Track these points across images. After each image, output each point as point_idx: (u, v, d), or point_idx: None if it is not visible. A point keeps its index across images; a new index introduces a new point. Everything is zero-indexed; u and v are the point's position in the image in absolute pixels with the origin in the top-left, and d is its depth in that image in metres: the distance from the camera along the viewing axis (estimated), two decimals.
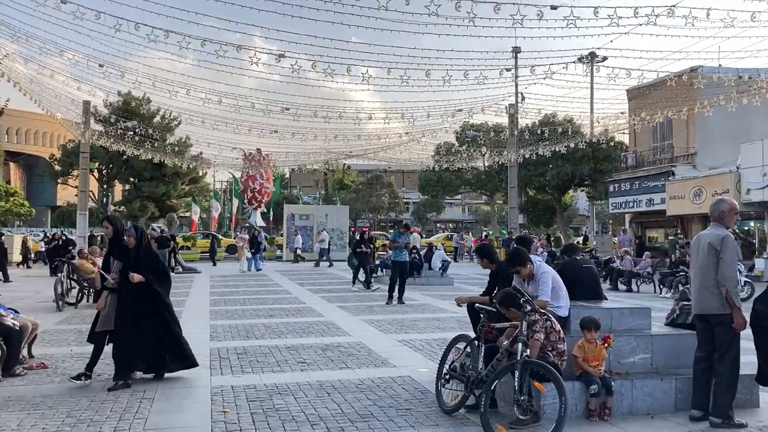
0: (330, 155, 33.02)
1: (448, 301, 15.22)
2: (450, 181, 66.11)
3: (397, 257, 14.90)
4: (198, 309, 13.78)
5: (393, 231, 16.60)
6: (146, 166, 50.63)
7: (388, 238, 16.10)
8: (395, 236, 15.15)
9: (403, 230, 15.24)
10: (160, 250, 24.05)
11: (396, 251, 14.98)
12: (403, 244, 14.96)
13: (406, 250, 15.14)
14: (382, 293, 17.00)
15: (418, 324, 11.47)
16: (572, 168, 36.10)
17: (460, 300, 7.29)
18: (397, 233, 15.26)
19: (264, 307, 13.97)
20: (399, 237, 15.02)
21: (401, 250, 14.93)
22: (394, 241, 15.02)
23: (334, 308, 13.95)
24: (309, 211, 39.72)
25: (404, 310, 13.72)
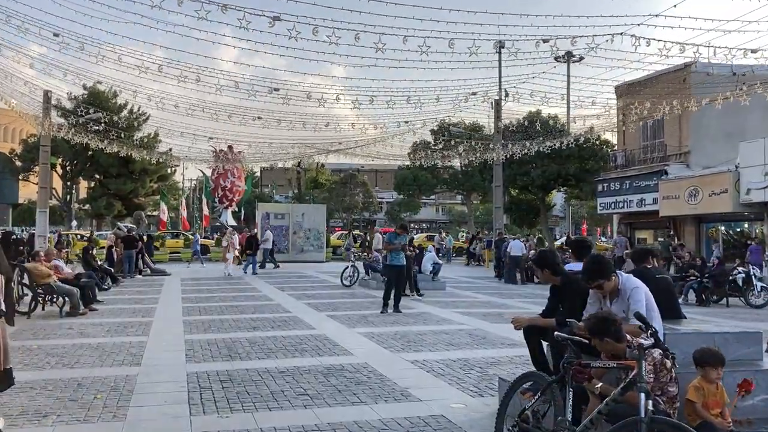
0: (307, 149, 31.35)
1: (449, 310, 13.85)
2: (426, 180, 64.92)
3: (394, 260, 13.45)
4: (169, 320, 12.15)
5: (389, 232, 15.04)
6: (113, 162, 48.44)
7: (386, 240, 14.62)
8: (391, 237, 13.69)
9: (400, 231, 13.76)
10: (127, 251, 22.29)
11: (392, 254, 13.52)
12: (400, 246, 13.51)
13: (403, 252, 13.69)
14: (374, 300, 15.55)
15: (426, 339, 10.02)
16: (558, 167, 35.00)
17: (519, 322, 5.83)
18: (393, 234, 13.79)
19: (245, 318, 12.40)
20: (396, 238, 13.56)
21: (398, 253, 13.48)
22: (391, 243, 13.54)
23: (324, 318, 12.44)
24: (284, 210, 38.03)
25: (403, 320, 12.26)
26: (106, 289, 16.57)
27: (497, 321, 12.25)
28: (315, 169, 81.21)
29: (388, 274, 13.51)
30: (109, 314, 12.97)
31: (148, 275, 23.81)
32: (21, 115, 29.29)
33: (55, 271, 13.36)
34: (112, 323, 11.63)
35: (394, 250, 13.45)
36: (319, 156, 28.44)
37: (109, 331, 10.70)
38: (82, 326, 11.28)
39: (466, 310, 13.94)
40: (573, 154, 35.29)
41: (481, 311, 13.88)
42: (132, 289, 18.43)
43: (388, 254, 13.67)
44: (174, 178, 74.79)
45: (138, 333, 10.57)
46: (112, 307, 14.04)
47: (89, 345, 9.37)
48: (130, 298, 16.17)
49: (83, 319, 12.23)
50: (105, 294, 16.45)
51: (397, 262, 13.43)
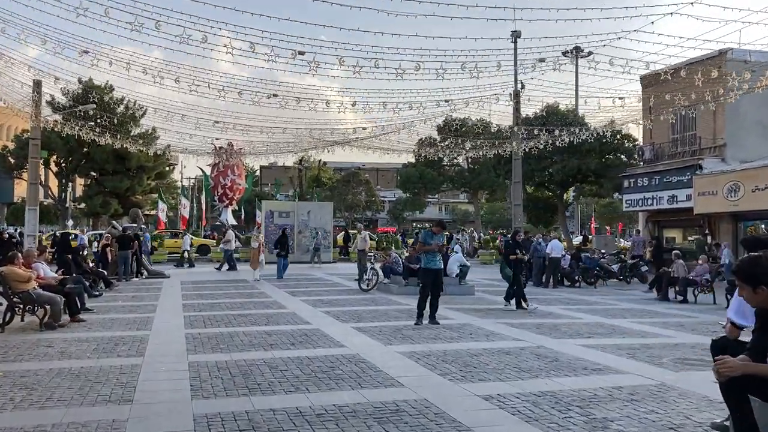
0: (311, 143, 29.37)
1: (491, 320, 11.99)
2: (432, 178, 63.15)
3: (430, 264, 11.55)
4: (170, 334, 10.28)
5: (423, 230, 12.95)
6: (109, 159, 46.64)
7: (418, 240, 12.73)
8: (426, 236, 11.75)
9: (437, 229, 11.83)
10: (121, 252, 20.43)
11: (427, 256, 11.61)
12: (436, 246, 11.62)
13: (440, 254, 11.80)
14: (399, 308, 13.70)
15: (485, 361, 8.16)
16: (578, 162, 33.12)
17: (731, 368, 3.84)
18: (428, 233, 11.86)
19: (259, 331, 10.52)
20: (431, 238, 11.64)
21: (434, 255, 11.58)
22: (426, 244, 11.64)
23: (350, 331, 10.57)
24: (289, 207, 36.14)
25: (445, 334, 10.39)
26: (97, 295, 14.68)
27: (557, 334, 10.40)
28: (317, 167, 79.36)
29: (424, 280, 11.61)
30: (99, 326, 11.10)
31: (145, 278, 21.96)
32: (13, 109, 27.43)
33: (36, 276, 11.49)
34: (100, 339, 9.76)
35: (430, 252, 11.56)
36: (330, 148, 26.31)
37: (96, 350, 8.82)
38: (64, 343, 9.41)
39: (512, 321, 12.08)
40: (594, 149, 33.45)
41: (530, 322, 12.02)
42: (127, 295, 16.56)
43: (423, 257, 11.76)
44: (172, 176, 73.08)
45: (131, 352, 8.70)
46: (102, 318, 12.17)
47: (69, 371, 7.49)
48: (124, 305, 14.29)
49: (67, 332, 10.36)
50: (96, 301, 14.58)
51: (433, 266, 11.54)
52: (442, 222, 12.06)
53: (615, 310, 14.60)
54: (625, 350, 9.06)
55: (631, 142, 34.66)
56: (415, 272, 17.12)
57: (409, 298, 15.68)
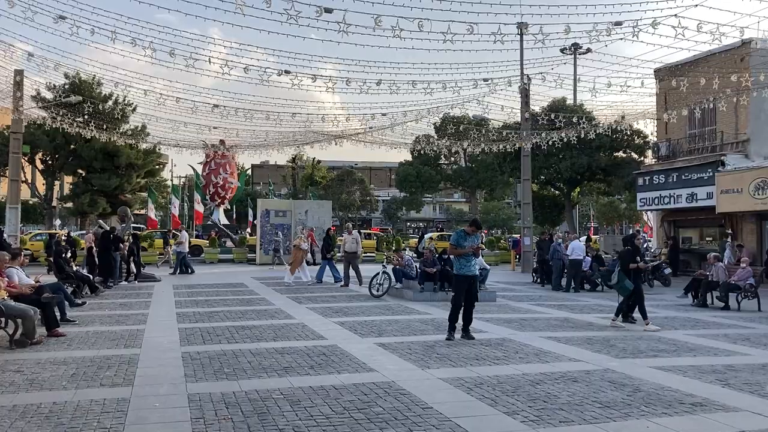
0: (308, 136, 27.76)
1: (529, 333, 10.54)
2: (429, 176, 61.82)
3: (463, 269, 10.03)
4: (163, 353, 8.73)
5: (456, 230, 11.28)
6: (97, 156, 44.89)
7: (450, 242, 11.22)
8: (459, 238, 10.20)
9: (471, 229, 10.29)
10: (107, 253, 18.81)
11: (459, 261, 10.11)
12: (471, 249, 10.12)
13: (475, 258, 10.30)
14: (420, 317, 12.21)
15: (554, 392, 6.67)
16: (588, 159, 31.76)
17: None
18: (461, 233, 10.33)
19: (267, 349, 9.00)
20: (465, 239, 10.14)
21: (468, 259, 10.08)
22: (458, 246, 10.12)
23: (375, 349, 9.06)
24: (286, 206, 34.56)
25: (487, 352, 8.91)
26: (80, 304, 13.08)
27: (616, 352, 8.93)
28: (311, 166, 77.82)
29: (456, 288, 10.09)
30: (80, 342, 9.54)
31: (132, 282, 20.36)
32: None
33: (7, 284, 9.92)
34: (81, 360, 8.21)
35: (463, 255, 10.05)
36: (328, 142, 24.71)
37: (74, 378, 7.27)
38: (37, 366, 7.86)
39: (555, 334, 10.61)
40: (604, 145, 32.12)
41: (576, 335, 10.54)
42: (115, 302, 14.98)
43: (455, 261, 10.26)
44: (162, 175, 71.29)
45: (117, 380, 7.16)
46: (85, 331, 10.60)
47: (37, 409, 5.95)
48: (111, 314, 12.72)
49: (42, 351, 8.80)
50: (80, 310, 13.00)
51: (467, 272, 10.02)
52: (476, 221, 10.50)
53: (657, 318, 13.15)
54: (709, 374, 7.61)
55: (642, 138, 33.37)
56: (432, 276, 15.68)
57: (427, 306, 14.23)
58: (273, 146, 22.69)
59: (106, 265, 18.61)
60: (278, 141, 22.52)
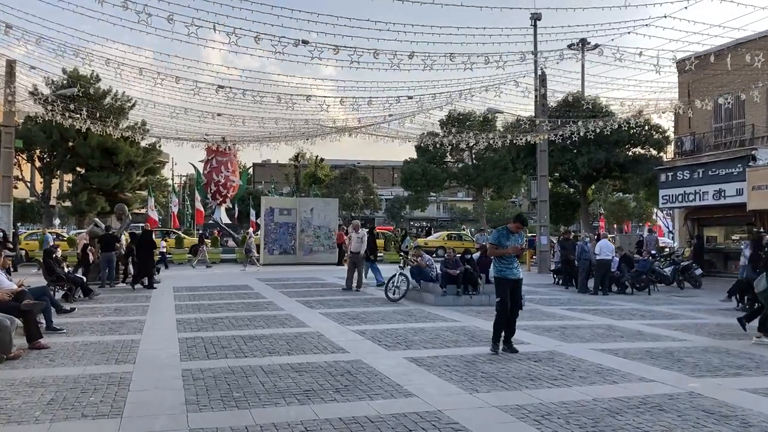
0: (315, 130, 26.37)
1: (577, 344, 9.26)
2: (435, 174, 60.55)
3: (505, 272, 8.73)
4: (161, 370, 7.45)
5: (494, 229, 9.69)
6: (95, 153, 43.62)
7: (489, 242, 9.92)
8: (500, 236, 8.88)
9: (516, 226, 8.92)
10: (105, 254, 17.57)
11: (501, 262, 8.80)
12: (513, 250, 8.85)
13: (517, 259, 8.99)
14: (448, 325, 10.94)
15: (644, 426, 5.39)
16: (606, 154, 30.45)
17: None
18: (502, 231, 9.00)
19: (282, 365, 7.72)
20: (507, 238, 8.84)
21: (510, 261, 8.80)
22: (499, 245, 8.83)
23: (407, 366, 7.79)
24: (290, 204, 33.25)
25: (541, 371, 7.62)
26: (68, 311, 11.79)
27: (690, 370, 7.65)
28: (314, 164, 76.59)
29: (500, 293, 8.80)
30: (65, 357, 8.28)
31: None
32: None
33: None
34: (63, 381, 6.93)
35: (505, 256, 8.75)
36: (334, 136, 23.35)
37: (52, 405, 6.00)
38: (9, 390, 6.58)
39: (606, 346, 9.33)
40: (622, 140, 30.81)
41: (632, 347, 9.25)
42: (109, 306, 13.71)
43: (495, 263, 8.98)
44: (163, 173, 70.14)
45: (104, 408, 5.89)
46: (73, 342, 9.33)
47: None
48: (104, 321, 11.45)
49: (18, 369, 7.53)
50: (69, 317, 11.72)
51: (510, 274, 8.73)
52: (521, 216, 9.15)
53: (708, 325, 11.90)
54: None
55: (661, 133, 32.06)
56: (454, 279, 14.40)
57: (451, 311, 12.96)
58: (281, 139, 21.33)
59: (143, 264, 17.78)
60: (286, 134, 21.15)
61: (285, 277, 22.00)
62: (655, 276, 19.55)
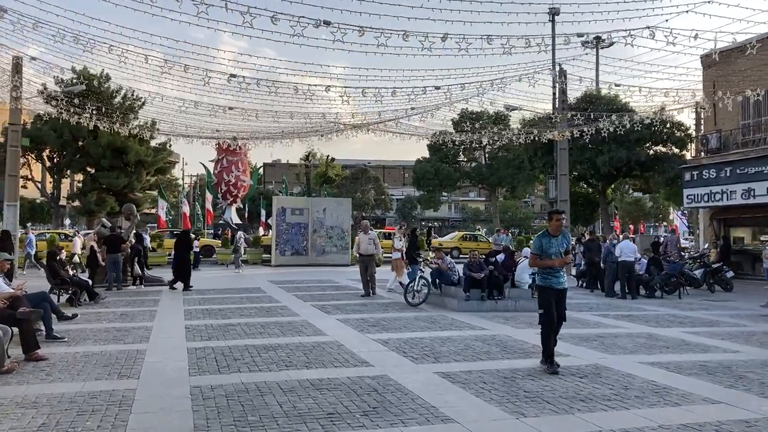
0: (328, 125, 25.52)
1: (623, 357, 8.47)
2: (448, 174, 59.73)
3: (549, 280, 7.83)
4: (168, 386, 6.74)
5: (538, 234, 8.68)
6: (105, 153, 43.14)
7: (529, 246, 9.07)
8: (542, 244, 7.89)
9: (556, 222, 7.89)
10: (110, 255, 16.92)
11: (545, 269, 7.89)
12: (561, 263, 7.89)
13: (563, 269, 8.06)
14: (476, 333, 10.16)
15: None
16: (627, 152, 29.52)
17: None
18: (545, 237, 7.94)
19: (301, 380, 6.98)
20: (550, 244, 7.90)
21: (557, 268, 7.90)
22: (542, 255, 7.88)
23: (439, 382, 7.04)
24: (303, 204, 32.55)
25: (587, 388, 6.85)
26: (69, 318, 11.08)
27: (759, 389, 6.84)
28: (324, 164, 75.97)
29: (543, 304, 7.82)
30: (64, 369, 7.58)
31: (139, 287, 18.45)
32: None
33: None
34: (59, 399, 6.23)
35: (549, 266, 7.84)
36: (347, 132, 22.56)
37: (43, 430, 5.29)
38: (0, 409, 5.89)
39: (654, 358, 8.53)
40: (644, 138, 29.88)
41: (683, 360, 8.44)
42: (115, 311, 13.03)
43: (538, 270, 8.16)
44: (173, 173, 69.74)
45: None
46: (74, 352, 8.64)
47: None
48: (109, 328, 10.75)
49: (11, 384, 6.83)
50: (72, 323, 11.03)
51: (555, 283, 7.79)
52: (558, 211, 8.22)
53: (756, 334, 11.07)
54: None
55: (683, 131, 31.09)
56: (478, 283, 13.62)
57: (476, 318, 12.19)
58: (295, 135, 20.53)
59: (182, 265, 17.43)
60: (301, 129, 20.33)
61: (297, 279, 21.29)
62: (685, 279, 18.69)
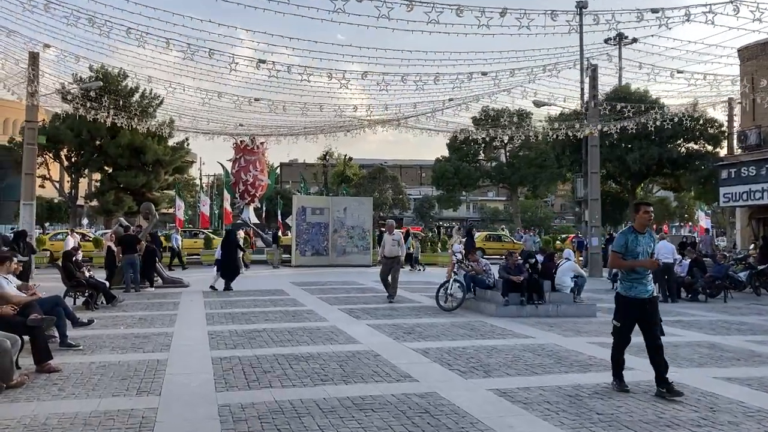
0: (358, 119, 24.63)
1: (693, 369, 7.58)
2: (468, 173, 58.81)
3: (634, 290, 6.69)
4: (192, 405, 6.01)
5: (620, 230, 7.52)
6: (123, 152, 42.85)
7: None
8: (627, 241, 6.72)
9: (644, 215, 6.78)
10: (127, 256, 16.27)
11: (630, 275, 6.73)
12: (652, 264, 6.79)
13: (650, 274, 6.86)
14: (522, 342, 9.36)
15: None
16: (659, 150, 28.52)
17: None
18: (629, 233, 6.81)
19: (340, 398, 6.22)
20: (637, 242, 6.73)
21: (643, 272, 6.75)
22: (627, 255, 6.71)
23: (494, 400, 6.25)
24: (323, 203, 31.80)
25: (668, 410, 6.02)
26: (85, 323, 10.37)
27: None
28: (342, 163, 75.30)
29: (622, 317, 6.77)
30: (78, 383, 6.87)
31: (160, 287, 17.83)
32: (5, 85, 23.40)
33: None
34: (71, 421, 5.51)
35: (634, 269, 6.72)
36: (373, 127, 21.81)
37: None
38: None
39: (731, 373, 7.67)
40: (676, 134, 28.87)
41: (765, 375, 7.59)
42: (133, 315, 12.36)
43: (623, 277, 6.87)
44: (191, 173, 69.42)
45: None
46: (89, 362, 7.94)
47: None
48: (127, 334, 10.06)
49: (19, 401, 6.14)
50: (88, 329, 10.34)
51: (641, 292, 6.67)
52: (646, 203, 7.01)
53: None
54: None
55: (716, 127, 30.04)
56: (518, 286, 12.78)
57: (518, 324, 11.36)
58: (320, 130, 19.79)
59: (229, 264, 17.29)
60: (330, 124, 19.53)
61: (320, 280, 20.57)
62: (729, 281, 17.73)
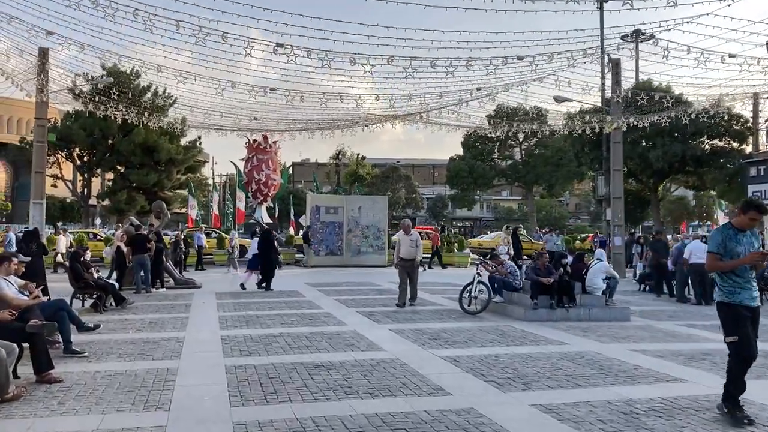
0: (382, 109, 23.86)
1: (760, 384, 6.85)
2: (483, 172, 58.10)
3: (738, 295, 5.81)
4: (205, 423, 5.40)
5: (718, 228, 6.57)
6: (135, 151, 42.47)
7: None
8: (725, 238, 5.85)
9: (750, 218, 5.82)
10: (137, 256, 15.72)
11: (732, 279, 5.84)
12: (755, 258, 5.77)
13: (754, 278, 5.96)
14: (559, 350, 8.69)
15: None
16: (682, 146, 27.67)
17: None
18: (727, 230, 5.91)
19: (368, 415, 5.59)
20: (736, 241, 5.85)
21: (746, 275, 5.82)
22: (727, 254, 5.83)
23: (541, 419, 5.61)
24: (337, 202, 31.21)
25: None
26: (91, 328, 9.77)
27: None
28: (355, 162, 74.76)
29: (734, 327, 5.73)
30: (80, 396, 6.29)
31: (172, 288, 17.29)
32: (13, 81, 22.97)
33: None
34: None
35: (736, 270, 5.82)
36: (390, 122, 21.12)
37: None
38: None
39: None
40: (700, 131, 28.01)
41: None
42: (143, 318, 11.79)
43: (721, 281, 5.92)
44: (203, 172, 69.11)
45: None
46: (94, 371, 7.36)
47: None
48: (135, 340, 9.48)
49: (12, 418, 5.56)
50: (94, 333, 9.76)
51: (746, 299, 5.79)
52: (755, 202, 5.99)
53: None
54: None
55: (742, 123, 29.13)
56: (548, 288, 12.10)
57: (549, 329, 10.69)
58: (336, 125, 19.17)
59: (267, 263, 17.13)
60: (349, 117, 18.87)
61: (335, 281, 19.97)
62: (765, 283, 16.92)
